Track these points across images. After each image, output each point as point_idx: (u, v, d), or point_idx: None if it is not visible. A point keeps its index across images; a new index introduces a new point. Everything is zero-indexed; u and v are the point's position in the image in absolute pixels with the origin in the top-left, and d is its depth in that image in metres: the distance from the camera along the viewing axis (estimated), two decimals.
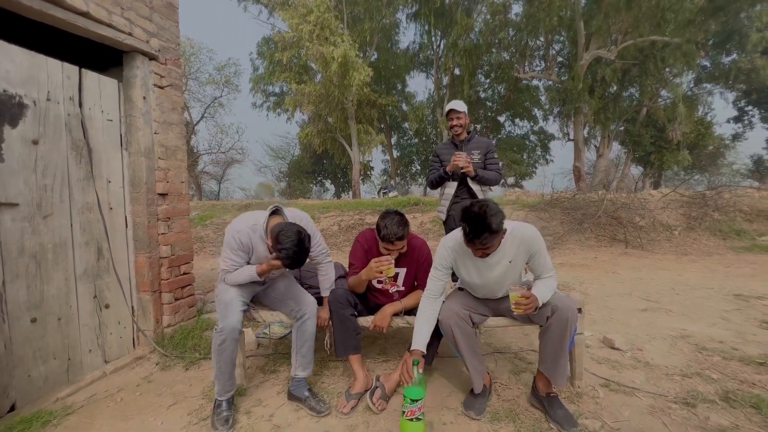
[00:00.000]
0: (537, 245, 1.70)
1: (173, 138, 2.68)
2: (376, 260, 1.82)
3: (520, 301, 1.58)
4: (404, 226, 1.85)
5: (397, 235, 1.82)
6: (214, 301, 3.55)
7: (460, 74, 15.69)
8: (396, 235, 1.82)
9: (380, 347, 2.55)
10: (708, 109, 16.06)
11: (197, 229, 8.60)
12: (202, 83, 19.95)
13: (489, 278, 1.77)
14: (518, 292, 1.59)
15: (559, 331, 1.65)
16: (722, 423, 1.63)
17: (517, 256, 1.72)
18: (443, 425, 1.69)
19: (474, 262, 1.76)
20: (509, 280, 1.78)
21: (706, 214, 7.00)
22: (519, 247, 1.71)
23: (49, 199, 2.02)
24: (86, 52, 2.42)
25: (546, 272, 1.74)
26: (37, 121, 1.96)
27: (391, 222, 1.83)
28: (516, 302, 1.59)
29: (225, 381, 1.77)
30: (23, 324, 1.89)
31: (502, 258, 1.72)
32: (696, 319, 2.97)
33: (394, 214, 1.87)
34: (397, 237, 1.82)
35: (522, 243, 1.70)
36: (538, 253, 1.71)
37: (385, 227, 1.83)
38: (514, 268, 1.75)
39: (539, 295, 1.63)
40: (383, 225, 1.84)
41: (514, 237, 1.70)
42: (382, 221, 1.85)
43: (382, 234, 1.85)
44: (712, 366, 2.16)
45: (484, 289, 1.85)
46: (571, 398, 1.86)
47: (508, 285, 1.73)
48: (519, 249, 1.71)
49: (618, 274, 4.72)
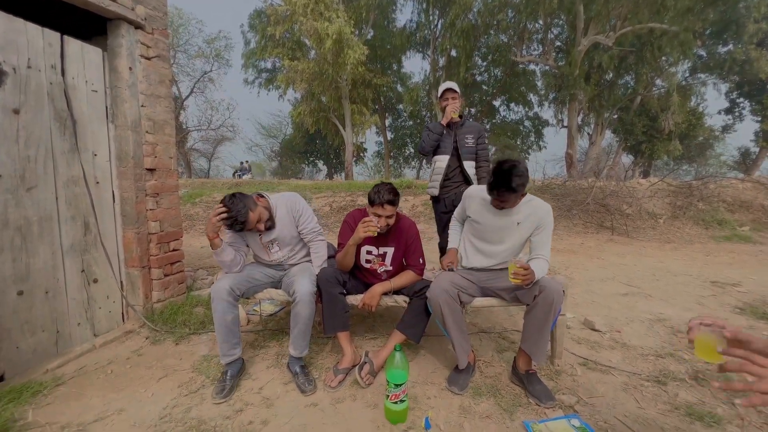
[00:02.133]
0: (547, 221, 1.87)
1: (161, 112, 2.62)
2: (362, 221, 1.87)
3: (518, 272, 1.65)
4: (394, 194, 1.92)
5: (386, 199, 1.88)
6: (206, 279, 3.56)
7: (456, 56, 15.42)
8: (386, 198, 1.88)
9: (369, 325, 2.61)
10: (701, 100, 16.17)
11: (187, 207, 8.51)
12: (191, 56, 19.31)
13: (493, 223, 1.94)
14: (517, 263, 1.67)
15: (544, 311, 1.72)
16: (690, 399, 1.73)
17: (526, 222, 1.88)
18: (427, 399, 1.76)
19: (488, 208, 1.93)
20: (509, 239, 1.93)
21: (691, 203, 7.16)
22: (531, 216, 1.87)
23: (33, 171, 1.97)
24: (69, 19, 2.31)
25: (543, 252, 1.87)
26: (17, 89, 1.89)
27: (382, 188, 1.91)
28: (515, 272, 1.66)
29: (221, 343, 1.86)
30: (9, 296, 1.87)
31: (513, 216, 1.89)
32: (673, 304, 3.09)
33: (385, 184, 1.94)
34: (386, 200, 1.88)
35: (535, 213, 1.87)
36: (545, 229, 1.88)
37: (376, 192, 1.90)
38: (519, 232, 1.91)
39: (535, 269, 1.71)
40: (374, 191, 1.91)
41: (531, 205, 1.89)
42: (374, 188, 1.93)
43: (372, 199, 1.91)
44: (685, 348, 2.27)
45: (483, 229, 1.98)
46: (550, 375, 1.95)
47: (505, 241, 1.94)
48: (530, 217, 1.88)
49: (602, 260, 4.84)
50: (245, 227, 1.90)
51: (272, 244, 2.12)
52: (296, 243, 2.19)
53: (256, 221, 1.92)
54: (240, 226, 1.88)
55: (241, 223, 1.86)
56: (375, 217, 1.91)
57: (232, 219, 1.84)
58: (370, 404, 1.71)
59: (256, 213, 1.92)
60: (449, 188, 2.84)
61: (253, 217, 1.90)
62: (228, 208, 1.84)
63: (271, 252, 2.14)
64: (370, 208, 1.96)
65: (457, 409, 1.68)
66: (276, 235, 2.09)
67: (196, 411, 1.66)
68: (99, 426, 1.57)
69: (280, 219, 2.09)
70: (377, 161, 24.91)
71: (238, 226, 1.88)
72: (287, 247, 2.16)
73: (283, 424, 1.58)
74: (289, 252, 2.17)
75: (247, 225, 1.89)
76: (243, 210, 1.85)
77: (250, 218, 1.88)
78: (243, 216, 1.85)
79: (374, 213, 1.94)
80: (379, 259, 2.09)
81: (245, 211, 1.86)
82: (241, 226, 1.88)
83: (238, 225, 1.87)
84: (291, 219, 2.11)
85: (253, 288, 2.06)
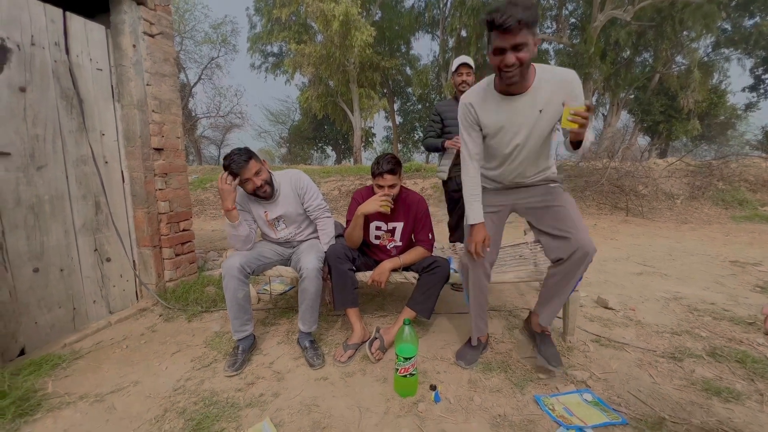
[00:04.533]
0: (576, 90, 1.43)
1: (167, 90, 2.59)
2: (381, 192, 1.89)
3: (579, 111, 1.27)
4: (395, 164, 1.91)
5: (387, 168, 1.88)
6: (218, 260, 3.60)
7: (466, 36, 14.95)
8: (386, 168, 1.88)
9: (378, 303, 2.61)
10: (723, 77, 15.43)
11: (197, 192, 8.59)
12: (198, 42, 19.12)
13: (514, 121, 1.51)
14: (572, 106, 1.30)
15: (572, 271, 1.58)
16: (707, 375, 1.69)
17: (549, 105, 1.44)
18: (437, 374, 1.75)
19: (498, 106, 1.51)
20: (536, 133, 1.52)
21: (711, 183, 6.93)
22: (553, 95, 1.43)
23: (42, 150, 1.98)
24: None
25: None
26: (22, 67, 1.88)
27: (383, 159, 1.91)
28: (576, 112, 1.27)
29: (232, 319, 1.88)
30: (26, 273, 1.91)
31: (531, 104, 1.46)
32: (690, 283, 3.01)
33: (386, 154, 1.94)
34: (387, 170, 1.88)
35: (559, 88, 1.43)
36: (578, 99, 1.43)
37: (377, 163, 1.91)
38: (544, 120, 1.48)
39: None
40: (375, 162, 1.92)
41: (548, 82, 1.43)
42: (375, 160, 1.93)
43: (373, 170, 1.92)
44: (702, 325, 2.21)
45: (507, 134, 1.55)
46: (562, 352, 1.91)
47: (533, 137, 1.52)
48: (553, 96, 1.43)
49: (616, 240, 4.74)
50: (245, 168, 1.89)
51: (278, 222, 2.12)
52: (302, 220, 2.18)
53: (255, 171, 1.92)
54: (242, 163, 1.88)
55: (244, 161, 1.88)
56: (379, 191, 1.92)
57: (233, 157, 1.88)
58: (379, 378, 1.72)
59: (257, 164, 1.94)
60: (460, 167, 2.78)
61: (253, 165, 1.92)
62: (229, 155, 1.90)
63: (278, 230, 2.15)
64: (373, 180, 1.96)
65: (467, 383, 1.67)
66: (281, 212, 2.09)
67: (208, 383, 1.69)
68: (115, 396, 1.61)
69: (284, 196, 2.09)
70: (386, 146, 24.67)
71: (239, 163, 1.88)
72: (293, 224, 2.16)
73: (294, 396, 1.60)
74: (295, 229, 2.18)
75: (247, 170, 1.90)
76: (245, 154, 1.90)
77: (250, 164, 1.90)
78: (246, 155, 1.90)
79: (377, 184, 1.94)
80: (389, 235, 2.07)
81: (247, 156, 1.90)
82: (243, 163, 1.88)
83: (241, 160, 1.88)
84: (295, 196, 2.11)
85: (263, 265, 2.06)
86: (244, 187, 1.96)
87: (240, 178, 1.91)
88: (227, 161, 1.89)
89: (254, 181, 1.93)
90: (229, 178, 1.89)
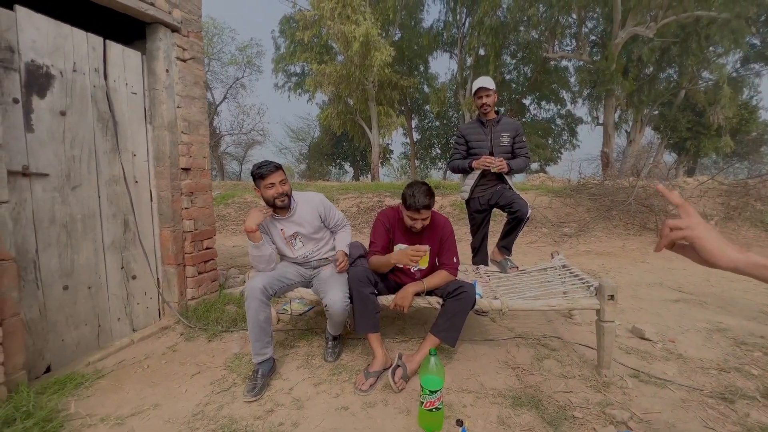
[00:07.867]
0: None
1: (196, 112, 2.67)
2: (415, 248, 1.80)
3: None
4: (431, 196, 1.84)
5: (423, 204, 1.81)
6: (238, 277, 3.62)
7: (485, 54, 15.07)
8: (422, 203, 1.81)
9: (399, 327, 2.53)
10: (754, 92, 14.89)
11: (219, 207, 8.78)
12: (225, 64, 20.01)
13: None
14: None
15: None
16: (763, 420, 1.53)
17: None
18: (462, 407, 1.66)
19: None
20: None
21: (747, 203, 6.57)
22: None
23: (78, 171, 2.05)
24: (110, 25, 2.40)
25: None
26: (64, 92, 1.98)
27: (418, 191, 1.82)
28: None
29: (253, 342, 1.87)
30: (56, 291, 1.95)
31: None
32: (733, 313, 2.80)
33: (420, 184, 1.86)
34: (423, 205, 1.81)
35: None
36: None
37: (411, 195, 1.82)
38: None
39: None
40: (410, 193, 1.83)
41: None
42: (409, 190, 1.84)
43: (408, 203, 1.84)
44: (753, 361, 2.03)
45: None
46: (598, 387, 1.79)
47: None
48: None
49: (647, 263, 4.52)
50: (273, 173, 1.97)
51: (295, 239, 2.15)
52: (320, 239, 2.21)
53: (280, 179, 2.00)
54: (272, 168, 1.98)
55: (274, 167, 1.99)
56: (411, 223, 1.89)
57: (265, 163, 2.01)
58: (402, 410, 1.64)
59: (284, 175, 2.03)
60: (485, 187, 2.72)
61: (281, 174, 2.01)
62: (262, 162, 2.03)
63: (295, 248, 2.16)
64: (405, 210, 1.89)
65: (495, 419, 1.58)
66: (297, 229, 2.13)
67: (227, 409, 1.65)
68: (135, 420, 1.59)
69: (300, 215, 2.13)
70: (403, 162, 24.79)
71: (269, 167, 1.98)
72: (311, 243, 2.19)
73: (314, 427, 1.54)
74: (313, 246, 2.20)
75: (275, 175, 1.98)
76: (275, 164, 2.02)
77: (279, 172, 1.99)
78: (276, 164, 2.01)
79: (409, 216, 1.88)
80: None
81: (277, 165, 2.02)
82: (273, 169, 1.98)
83: (272, 166, 1.99)
84: (315, 216, 2.15)
85: (285, 287, 2.07)
86: (267, 192, 2.00)
87: (265, 182, 1.98)
88: (257, 166, 1.99)
89: (278, 188, 1.99)
90: (267, 209, 2.02)
